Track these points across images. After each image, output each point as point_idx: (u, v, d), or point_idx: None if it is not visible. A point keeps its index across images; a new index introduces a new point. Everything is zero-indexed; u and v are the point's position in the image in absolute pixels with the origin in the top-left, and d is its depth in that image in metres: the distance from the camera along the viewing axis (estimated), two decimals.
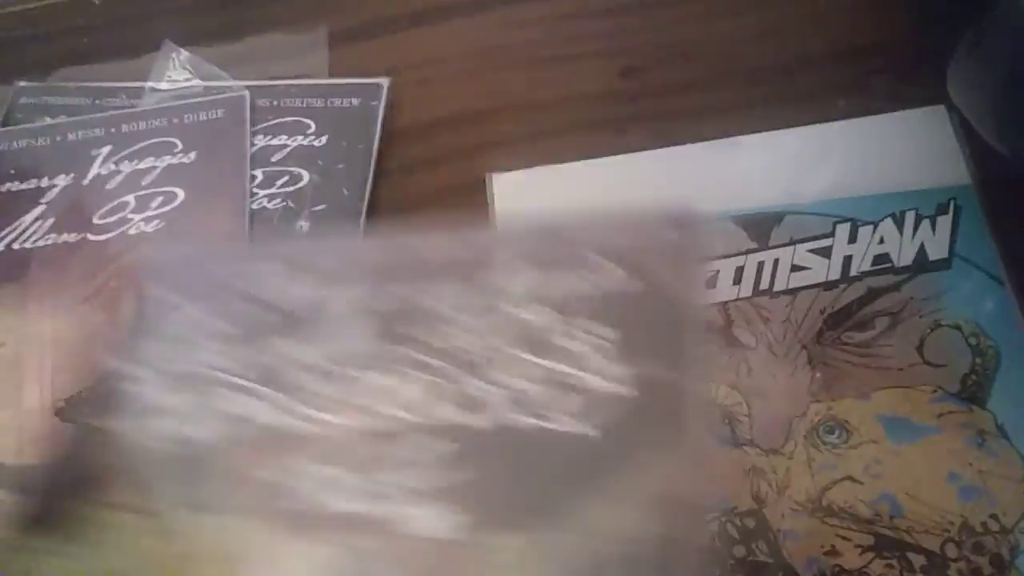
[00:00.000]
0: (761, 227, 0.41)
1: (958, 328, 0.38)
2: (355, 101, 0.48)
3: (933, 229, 0.39)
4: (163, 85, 0.50)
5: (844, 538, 0.35)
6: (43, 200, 0.47)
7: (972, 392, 0.36)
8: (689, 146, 0.43)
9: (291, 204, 0.45)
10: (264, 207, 0.45)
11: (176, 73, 0.50)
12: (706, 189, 0.42)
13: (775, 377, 0.38)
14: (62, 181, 0.47)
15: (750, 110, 0.44)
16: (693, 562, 0.27)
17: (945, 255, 0.39)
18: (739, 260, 0.40)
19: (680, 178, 0.43)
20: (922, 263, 0.39)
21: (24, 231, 0.46)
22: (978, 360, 0.37)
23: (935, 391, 0.37)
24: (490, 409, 0.29)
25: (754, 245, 0.40)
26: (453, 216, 0.43)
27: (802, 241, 0.40)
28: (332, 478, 0.29)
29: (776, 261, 0.40)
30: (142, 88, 0.49)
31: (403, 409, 0.29)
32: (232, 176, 0.46)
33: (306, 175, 0.46)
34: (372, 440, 0.29)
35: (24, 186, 0.47)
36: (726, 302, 0.39)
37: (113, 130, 0.48)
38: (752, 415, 0.37)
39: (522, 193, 0.44)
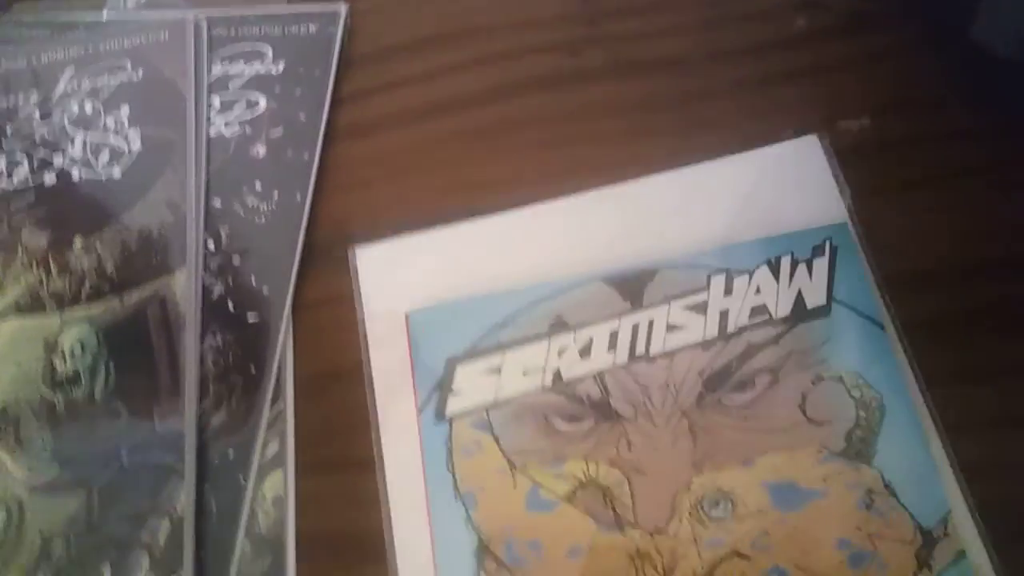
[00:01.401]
0: (634, 286, 0.39)
1: (840, 380, 0.36)
2: (312, 27, 0.49)
3: (810, 274, 0.38)
4: (118, 15, 0.52)
5: None
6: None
7: (858, 449, 0.35)
8: (555, 202, 0.41)
9: (248, 130, 0.46)
10: (221, 134, 0.46)
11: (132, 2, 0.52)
12: (575, 248, 0.40)
13: (656, 450, 0.36)
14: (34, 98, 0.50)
15: (611, 166, 0.42)
16: None
17: (823, 301, 0.37)
18: (613, 324, 0.38)
19: (548, 237, 0.41)
20: (800, 312, 0.37)
21: None
22: (862, 413, 0.35)
23: (820, 451, 0.35)
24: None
25: (627, 305, 0.38)
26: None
27: (677, 297, 0.38)
28: None
29: (651, 322, 0.38)
30: (100, 22, 0.52)
31: None
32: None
33: (263, 101, 0.47)
34: None
35: None
36: (602, 371, 0.37)
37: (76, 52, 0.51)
38: (634, 494, 0.35)
39: (386, 266, 0.42)
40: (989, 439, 0.35)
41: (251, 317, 0.42)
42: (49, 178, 0.47)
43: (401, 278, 0.41)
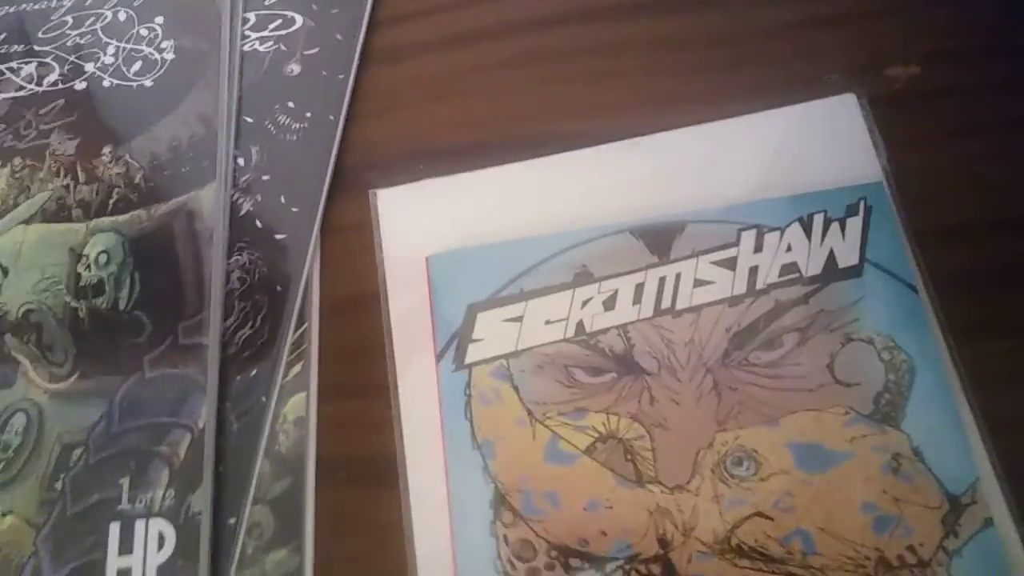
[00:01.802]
0: (661, 239, 0.38)
1: (870, 342, 0.35)
2: None
3: (843, 233, 0.37)
4: None
5: None
6: None
7: (886, 412, 0.34)
8: (582, 151, 0.40)
9: (283, 47, 0.46)
10: (256, 49, 0.46)
11: None
12: (602, 198, 0.39)
13: (679, 406, 0.35)
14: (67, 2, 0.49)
15: (644, 107, 0.41)
16: None
17: (856, 261, 0.36)
18: (639, 276, 0.37)
19: (574, 186, 0.40)
20: (832, 271, 0.36)
21: None
22: (891, 377, 0.34)
23: (847, 413, 0.34)
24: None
25: (654, 259, 0.37)
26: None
27: (705, 252, 0.37)
28: None
29: (678, 276, 0.37)
30: None
31: None
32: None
33: (300, 19, 0.46)
34: None
35: None
36: (626, 324, 0.37)
37: None
38: (656, 449, 0.35)
39: (407, 210, 0.41)
40: (1020, 397, 0.34)
41: (279, 236, 0.41)
42: (80, 85, 0.46)
43: (422, 222, 0.40)
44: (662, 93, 0.42)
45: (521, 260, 0.38)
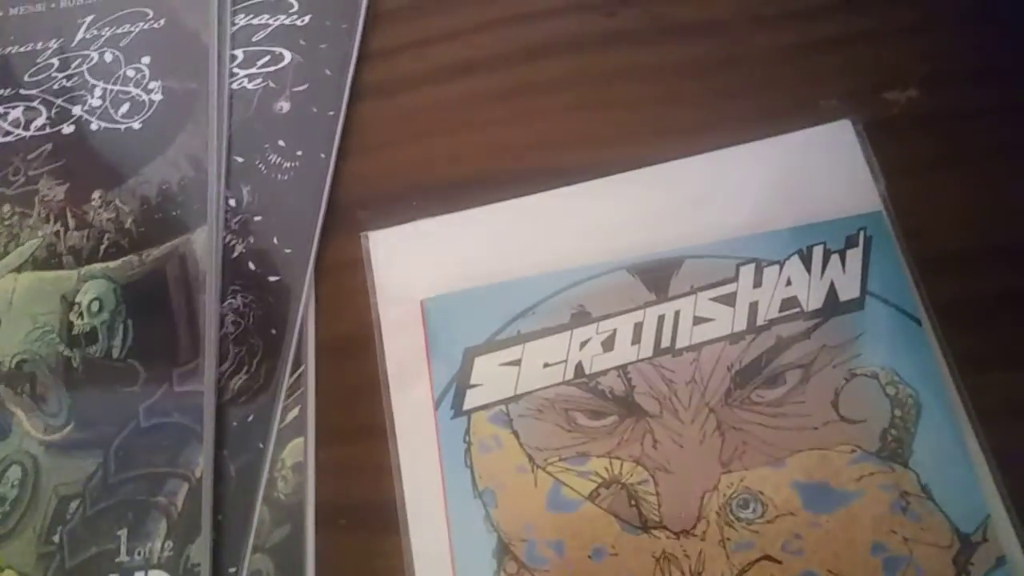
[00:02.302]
0: (659, 275, 0.37)
1: (875, 377, 0.35)
2: None
3: (843, 265, 0.36)
4: None
5: None
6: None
7: (893, 449, 0.33)
8: (576, 187, 0.40)
9: (272, 84, 0.45)
10: (244, 87, 0.45)
11: None
12: (598, 235, 0.39)
13: (683, 448, 0.35)
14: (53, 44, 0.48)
15: (639, 137, 0.40)
16: None
17: (857, 294, 0.36)
18: (637, 315, 0.37)
19: (569, 222, 0.39)
20: (833, 305, 0.36)
21: None
22: (897, 412, 0.34)
23: (853, 451, 0.34)
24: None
25: (652, 297, 0.37)
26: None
27: (704, 289, 0.37)
28: None
29: (677, 314, 0.36)
30: None
31: None
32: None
33: (288, 55, 0.46)
34: None
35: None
36: (626, 365, 0.36)
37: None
38: (660, 494, 0.34)
39: (400, 251, 0.40)
40: None
41: (273, 278, 0.41)
42: (67, 128, 0.46)
43: (416, 264, 0.40)
44: (656, 122, 0.41)
45: (517, 301, 0.38)
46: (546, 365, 0.37)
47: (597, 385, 0.36)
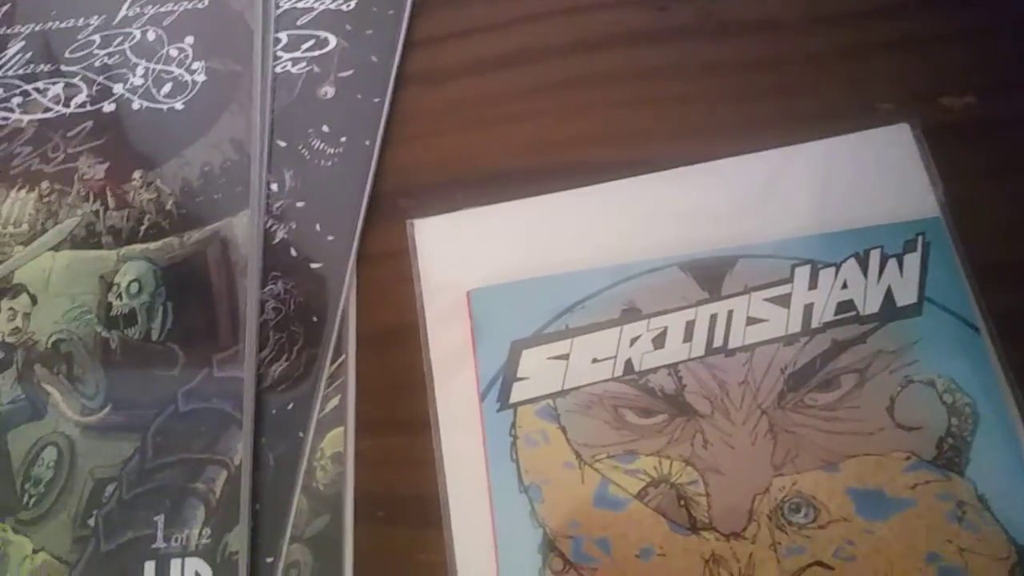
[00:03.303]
0: (712, 274, 0.37)
1: (931, 384, 0.34)
2: None
3: (900, 270, 0.36)
4: None
5: None
6: None
7: (949, 458, 0.33)
8: (628, 180, 0.39)
9: (316, 68, 0.44)
10: (288, 71, 0.44)
11: None
12: (649, 230, 0.38)
13: (734, 449, 0.34)
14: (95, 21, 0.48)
15: (691, 134, 0.40)
16: None
17: (915, 299, 0.35)
18: (689, 313, 0.36)
19: (620, 216, 0.39)
20: (890, 310, 0.35)
21: None
22: (954, 420, 0.33)
23: (908, 458, 0.33)
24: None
25: (705, 295, 0.36)
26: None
27: (758, 289, 0.36)
28: None
29: (730, 313, 0.36)
30: None
31: None
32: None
33: (333, 39, 0.45)
34: None
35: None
36: (676, 363, 0.35)
37: None
38: (710, 495, 0.34)
39: (446, 240, 0.39)
40: None
41: (314, 265, 0.40)
42: (108, 106, 0.45)
43: (463, 254, 0.40)
44: (707, 119, 0.41)
45: (566, 295, 0.37)
46: (595, 361, 0.36)
47: (647, 383, 0.36)
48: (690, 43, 0.43)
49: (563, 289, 0.37)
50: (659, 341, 0.36)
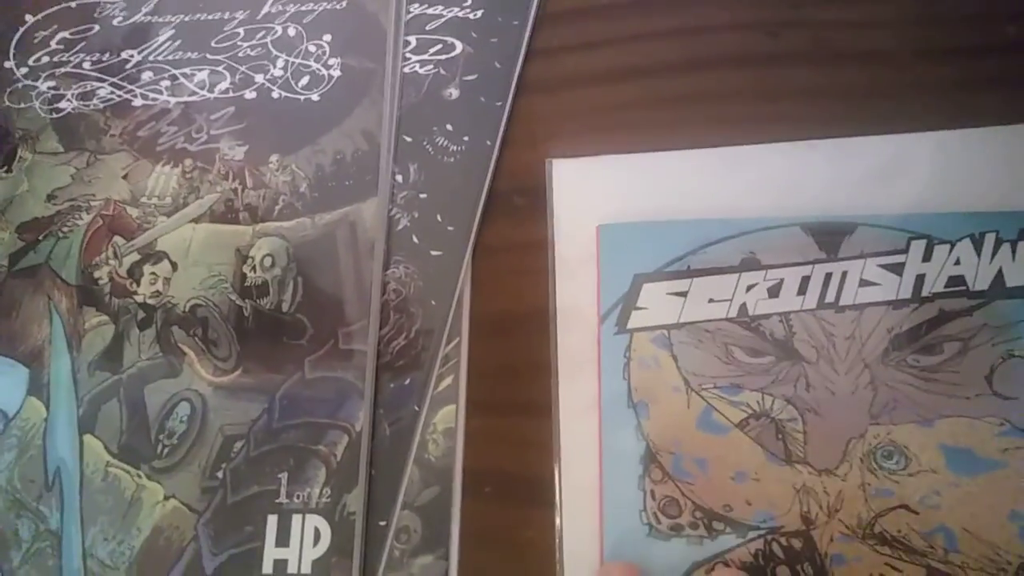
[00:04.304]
0: (831, 237, 0.39)
1: None
2: None
3: (1013, 254, 0.38)
4: None
5: (895, 568, 0.34)
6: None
7: None
8: (761, 146, 0.42)
9: (442, 71, 0.47)
10: (415, 72, 0.47)
11: None
12: (776, 192, 0.41)
13: (834, 395, 0.36)
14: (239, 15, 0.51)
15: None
16: None
17: None
18: (805, 269, 0.38)
19: (749, 179, 0.41)
20: (998, 289, 0.37)
21: None
22: None
23: (1002, 424, 0.35)
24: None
25: (823, 255, 0.39)
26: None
27: (874, 255, 0.38)
28: None
29: (844, 274, 0.38)
30: None
31: None
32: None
33: (459, 45, 0.47)
34: None
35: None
36: (788, 312, 0.38)
37: None
38: (807, 432, 0.36)
39: (583, 182, 0.42)
40: None
41: (435, 252, 0.43)
42: (249, 94, 0.48)
43: (595, 193, 0.42)
44: (820, 136, 0.42)
45: (691, 239, 0.40)
46: (711, 301, 0.39)
47: (759, 326, 0.38)
48: (798, 70, 0.44)
49: (688, 233, 0.40)
50: (774, 291, 0.39)
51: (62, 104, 0.50)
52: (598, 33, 0.47)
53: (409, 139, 0.46)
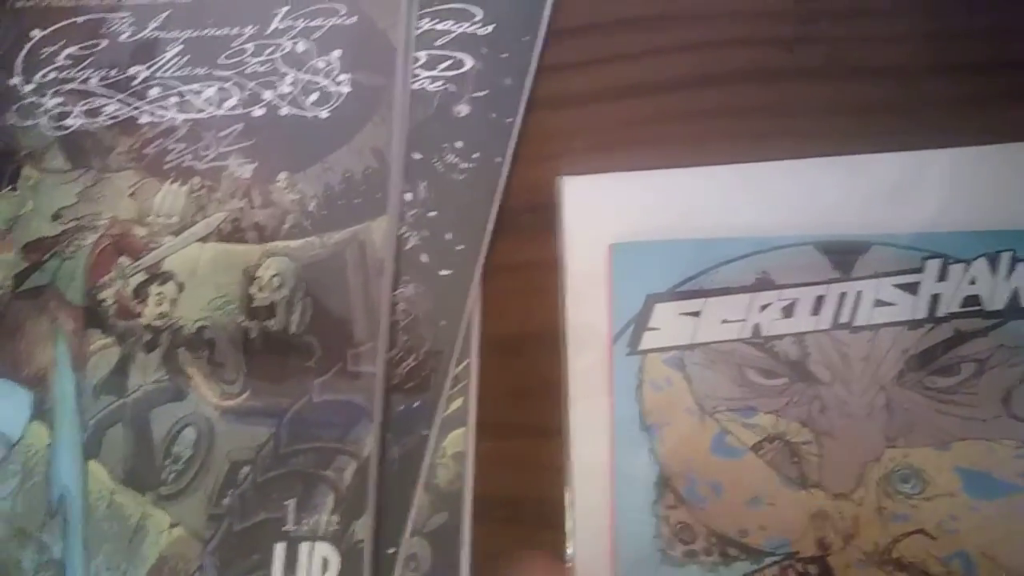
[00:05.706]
0: (845, 256, 0.39)
1: None
2: None
3: None
4: None
5: None
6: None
7: None
8: (774, 164, 0.41)
9: (452, 88, 0.46)
10: (424, 88, 0.46)
11: None
12: (789, 210, 0.40)
13: (850, 417, 0.36)
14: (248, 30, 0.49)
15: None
16: None
17: None
18: (820, 289, 0.38)
19: (762, 196, 0.41)
20: (1015, 309, 0.37)
21: None
22: None
23: (1019, 447, 0.35)
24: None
25: (837, 274, 0.38)
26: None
27: (888, 275, 0.38)
28: None
29: (859, 294, 0.38)
30: None
31: None
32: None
33: (469, 61, 0.46)
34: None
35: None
36: (803, 333, 0.38)
37: None
38: (823, 456, 0.36)
39: (595, 200, 0.42)
40: None
41: (444, 271, 0.43)
42: (258, 111, 0.48)
43: (607, 211, 0.42)
44: (835, 152, 0.42)
45: (703, 259, 0.39)
46: (724, 321, 0.38)
47: (772, 347, 0.38)
48: (812, 85, 0.44)
49: (701, 253, 0.40)
50: (788, 311, 0.38)
51: (69, 121, 0.49)
52: (609, 49, 0.46)
53: (418, 156, 0.45)
